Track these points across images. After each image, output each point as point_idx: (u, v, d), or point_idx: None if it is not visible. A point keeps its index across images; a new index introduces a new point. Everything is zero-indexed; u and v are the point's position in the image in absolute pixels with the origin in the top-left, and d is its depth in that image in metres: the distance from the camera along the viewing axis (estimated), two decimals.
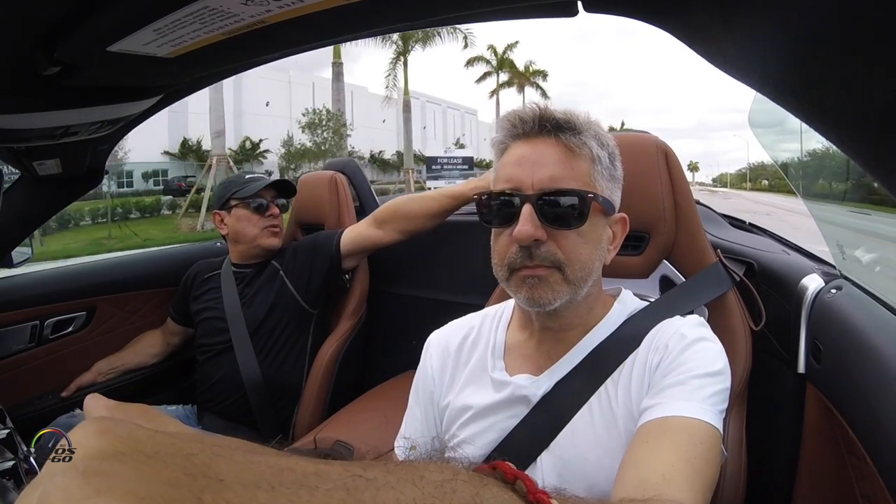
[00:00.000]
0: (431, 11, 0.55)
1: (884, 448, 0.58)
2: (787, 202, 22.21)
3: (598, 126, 0.65)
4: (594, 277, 0.64)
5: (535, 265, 0.60)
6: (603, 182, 0.63)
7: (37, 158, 1.02)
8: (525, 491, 0.27)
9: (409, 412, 0.79)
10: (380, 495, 0.20)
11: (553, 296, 0.61)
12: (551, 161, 0.61)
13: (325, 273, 1.44)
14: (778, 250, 1.02)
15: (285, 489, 0.18)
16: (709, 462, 0.52)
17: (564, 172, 0.60)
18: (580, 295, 0.63)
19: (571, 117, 0.62)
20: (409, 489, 0.21)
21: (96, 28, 0.51)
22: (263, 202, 1.45)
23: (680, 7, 0.40)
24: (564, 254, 0.60)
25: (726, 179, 67.88)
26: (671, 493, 0.47)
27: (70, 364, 1.49)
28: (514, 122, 0.64)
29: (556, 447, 0.63)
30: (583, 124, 0.63)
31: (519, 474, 0.27)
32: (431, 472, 0.23)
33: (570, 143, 0.61)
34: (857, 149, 0.35)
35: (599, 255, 0.64)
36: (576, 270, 0.61)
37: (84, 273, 1.63)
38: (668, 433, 0.53)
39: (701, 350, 0.61)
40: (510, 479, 0.27)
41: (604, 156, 0.63)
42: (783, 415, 0.84)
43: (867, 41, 0.26)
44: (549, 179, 0.60)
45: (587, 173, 0.62)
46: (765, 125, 1.06)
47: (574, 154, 0.61)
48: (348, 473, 0.20)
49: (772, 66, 0.35)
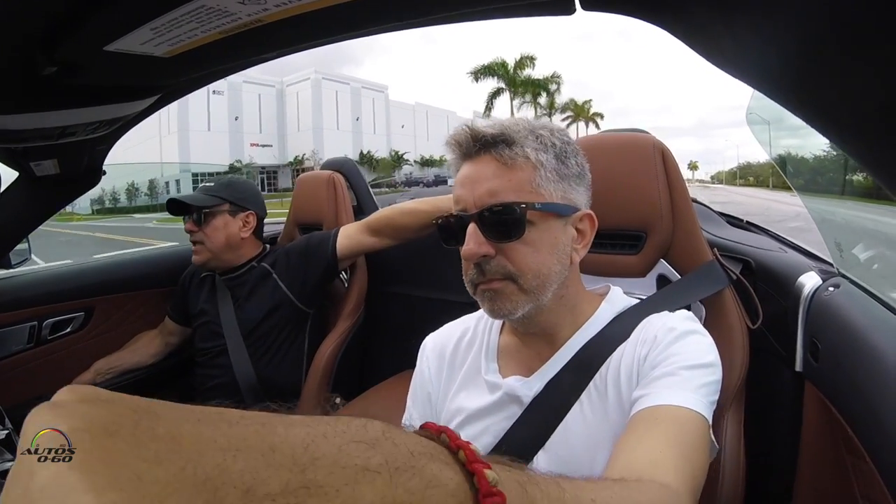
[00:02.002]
0: (428, 10, 0.55)
1: (882, 446, 0.58)
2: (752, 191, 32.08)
3: (542, 129, 0.64)
4: (557, 281, 0.63)
5: (488, 279, 0.62)
6: (550, 185, 0.62)
7: (34, 159, 1.01)
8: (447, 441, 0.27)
9: (407, 414, 0.79)
10: (292, 428, 0.22)
11: (512, 306, 0.62)
12: (488, 177, 0.62)
13: (322, 275, 1.44)
14: (775, 248, 1.02)
15: (209, 421, 0.21)
16: (697, 450, 0.53)
17: (501, 185, 0.61)
18: (544, 300, 0.63)
19: (504, 129, 0.63)
20: (321, 425, 0.23)
21: (93, 28, 0.51)
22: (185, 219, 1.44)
23: (678, 5, 0.40)
24: (514, 265, 0.61)
25: (722, 176, 70.34)
26: (658, 476, 0.47)
27: (69, 364, 1.49)
28: (452, 145, 0.65)
29: (552, 445, 0.63)
30: (517, 134, 0.62)
31: (444, 429, 0.28)
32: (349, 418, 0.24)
33: (504, 155, 0.61)
34: (857, 148, 0.35)
35: (558, 259, 0.63)
36: (529, 280, 0.61)
37: (82, 273, 1.63)
38: (658, 421, 0.54)
39: (691, 342, 0.61)
40: (434, 433, 0.28)
41: (547, 158, 0.63)
42: (781, 413, 0.84)
43: (867, 40, 0.26)
44: (487, 194, 0.61)
45: (527, 181, 0.61)
46: (762, 123, 1.06)
47: (509, 166, 0.62)
48: (269, 415, 0.23)
49: (771, 65, 0.35)
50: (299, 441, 0.21)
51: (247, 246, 1.47)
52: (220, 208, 1.42)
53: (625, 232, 0.85)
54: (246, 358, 1.36)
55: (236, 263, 1.46)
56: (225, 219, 1.42)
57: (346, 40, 0.66)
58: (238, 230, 1.44)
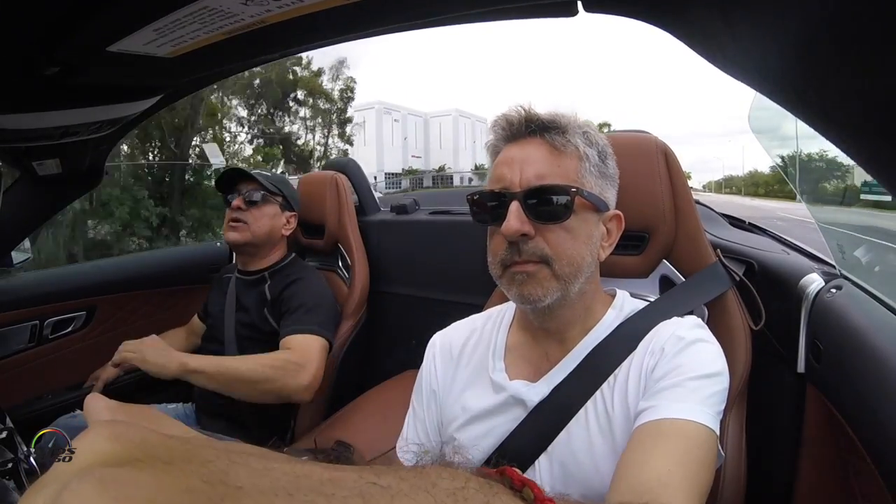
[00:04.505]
0: (431, 11, 0.55)
1: (884, 448, 0.58)
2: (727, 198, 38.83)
3: (586, 125, 0.66)
4: (586, 274, 0.64)
5: (523, 261, 0.62)
6: (592, 179, 0.64)
7: (36, 158, 1.02)
8: (532, 498, 0.27)
9: (411, 412, 0.79)
10: (394, 503, 0.20)
11: (542, 292, 0.62)
12: (538, 159, 0.62)
13: None
14: (778, 250, 1.02)
15: (302, 496, 0.18)
16: (704, 466, 0.52)
17: (550, 170, 0.62)
18: (572, 291, 0.63)
19: (557, 117, 0.64)
20: (423, 497, 0.21)
21: (96, 28, 0.51)
22: (229, 196, 1.37)
23: (680, 6, 0.40)
24: (552, 248, 0.61)
25: (711, 186, 74.42)
26: (667, 497, 0.47)
27: (70, 364, 1.49)
28: (502, 125, 0.66)
29: (553, 450, 0.63)
30: (569, 123, 0.64)
31: (526, 481, 0.28)
32: (443, 478, 0.23)
33: (556, 141, 0.63)
34: (857, 148, 0.35)
35: (590, 251, 0.64)
36: (563, 265, 0.62)
37: (84, 273, 1.63)
38: (664, 436, 0.53)
39: (698, 352, 0.61)
40: (518, 486, 0.27)
41: (592, 154, 0.64)
42: (783, 415, 0.84)
43: (867, 40, 0.26)
44: (535, 177, 0.62)
45: (574, 170, 0.63)
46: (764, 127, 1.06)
47: (560, 152, 0.63)
48: (363, 481, 0.21)
49: (772, 65, 0.35)
50: None
51: (279, 247, 1.44)
52: (276, 198, 1.40)
53: (627, 232, 0.85)
54: None
55: (258, 266, 1.41)
56: (276, 209, 1.40)
57: (348, 41, 0.67)
58: (281, 226, 1.42)
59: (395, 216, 1.78)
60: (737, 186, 67.13)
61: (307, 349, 1.23)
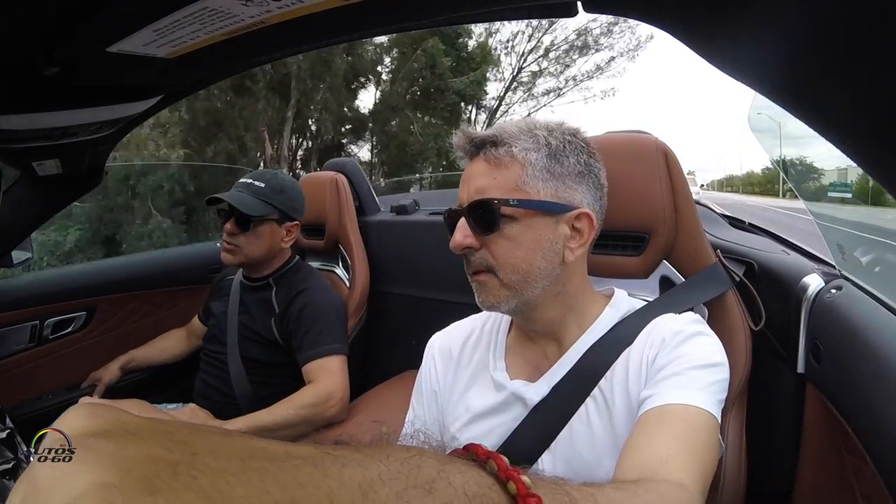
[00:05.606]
0: (431, 12, 0.55)
1: (884, 448, 0.58)
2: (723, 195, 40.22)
3: (540, 129, 0.65)
4: (541, 278, 0.63)
5: (473, 271, 0.66)
6: (538, 184, 0.63)
7: (36, 159, 1.02)
8: (496, 469, 0.28)
9: (411, 413, 0.79)
10: (346, 470, 0.21)
11: (495, 299, 0.64)
12: (478, 175, 0.65)
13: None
14: (778, 250, 1.02)
15: (255, 462, 0.19)
16: (708, 448, 0.53)
17: (488, 183, 0.64)
18: (529, 296, 0.64)
19: (496, 131, 0.66)
20: (375, 465, 0.22)
21: (96, 28, 0.51)
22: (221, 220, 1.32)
23: (679, 6, 0.40)
24: (495, 258, 0.63)
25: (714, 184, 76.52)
26: (671, 473, 0.47)
27: (70, 364, 1.49)
28: (456, 150, 0.70)
29: (557, 447, 0.63)
30: (509, 135, 0.64)
31: (491, 454, 0.29)
32: (398, 450, 0.24)
33: (491, 156, 0.64)
34: (857, 149, 0.35)
35: (543, 256, 0.63)
36: (508, 273, 0.63)
37: (84, 273, 1.63)
38: (667, 420, 0.54)
39: (698, 343, 0.61)
40: (482, 458, 0.28)
41: (538, 157, 0.63)
42: (783, 415, 0.84)
43: (867, 41, 0.26)
44: (476, 191, 0.64)
45: (513, 180, 0.63)
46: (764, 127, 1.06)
47: (496, 166, 0.64)
48: (318, 451, 0.22)
49: (771, 66, 0.35)
50: (356, 485, 0.21)
51: (281, 255, 1.40)
52: (270, 217, 1.31)
53: (627, 233, 0.85)
54: (241, 367, 1.33)
55: (262, 273, 1.38)
56: (272, 227, 1.32)
57: (349, 41, 0.67)
58: (280, 240, 1.34)
59: (396, 216, 1.78)
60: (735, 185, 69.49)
61: (330, 374, 1.23)
